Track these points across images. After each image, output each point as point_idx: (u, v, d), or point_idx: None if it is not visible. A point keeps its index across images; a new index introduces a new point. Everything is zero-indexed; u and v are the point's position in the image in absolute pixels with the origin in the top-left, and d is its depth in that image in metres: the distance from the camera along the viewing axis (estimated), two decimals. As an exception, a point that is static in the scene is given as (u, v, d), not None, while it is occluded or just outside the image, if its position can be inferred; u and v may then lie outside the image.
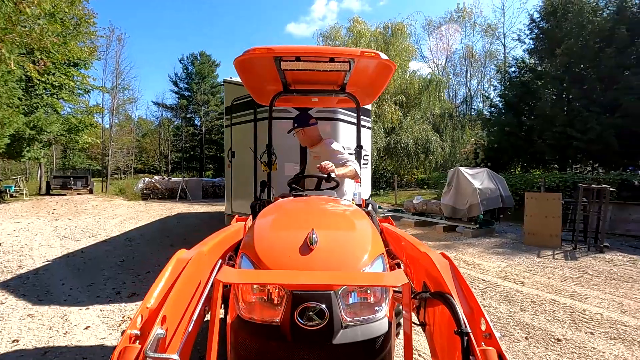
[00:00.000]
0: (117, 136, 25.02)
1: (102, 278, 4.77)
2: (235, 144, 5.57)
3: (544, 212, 6.99)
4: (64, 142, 16.95)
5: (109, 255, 6.04)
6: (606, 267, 5.41)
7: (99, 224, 9.52)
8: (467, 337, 1.13)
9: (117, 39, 22.87)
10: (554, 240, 6.82)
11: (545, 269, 5.36)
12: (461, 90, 33.38)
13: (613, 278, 4.89)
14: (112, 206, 14.10)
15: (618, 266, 5.50)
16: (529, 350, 2.91)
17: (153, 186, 17.53)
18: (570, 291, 4.36)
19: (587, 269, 5.31)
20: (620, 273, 5.11)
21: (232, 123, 5.69)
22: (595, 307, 3.86)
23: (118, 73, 23.10)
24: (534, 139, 11.03)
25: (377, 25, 21.16)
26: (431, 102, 20.35)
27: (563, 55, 11.07)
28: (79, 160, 32.08)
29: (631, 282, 4.72)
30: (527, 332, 3.23)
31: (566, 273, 5.11)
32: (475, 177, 8.12)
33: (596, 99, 10.46)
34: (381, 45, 19.24)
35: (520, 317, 3.58)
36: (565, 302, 4.00)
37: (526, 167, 13.47)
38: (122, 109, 27.61)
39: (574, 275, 5.02)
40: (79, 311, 3.64)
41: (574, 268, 5.38)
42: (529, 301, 4.03)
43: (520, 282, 4.74)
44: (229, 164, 5.81)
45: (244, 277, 1.38)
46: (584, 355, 2.83)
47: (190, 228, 8.98)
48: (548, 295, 4.20)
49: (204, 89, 36.17)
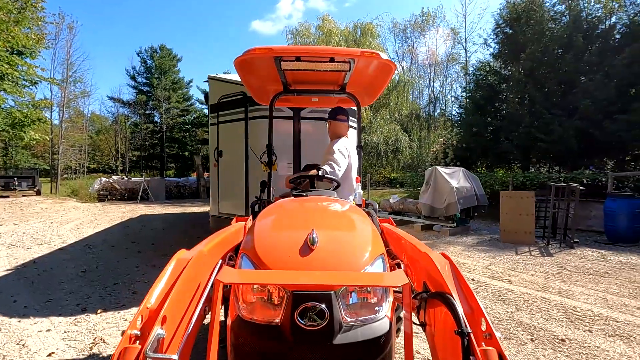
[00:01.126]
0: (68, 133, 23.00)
1: (63, 292, 4.20)
2: (223, 143, 5.30)
3: (518, 210, 7.21)
4: (6, 138, 15.27)
5: (67, 265, 5.39)
6: (581, 263, 5.64)
7: (52, 229, 8.60)
8: (467, 337, 1.13)
9: (67, 27, 21.05)
10: (529, 237, 7.06)
11: (527, 266, 5.48)
12: (425, 92, 34.42)
13: (590, 273, 5.08)
14: (64, 209, 12.89)
15: (591, 261, 5.75)
16: (538, 352, 2.86)
17: (111, 187, 16.32)
18: (556, 288, 4.45)
19: (564, 265, 5.49)
20: (595, 268, 5.33)
21: (219, 121, 5.39)
22: (583, 303, 3.94)
23: (69, 64, 21.25)
24: (501, 139, 11.48)
25: (347, 25, 21.18)
26: (399, 103, 20.69)
27: (526, 60, 11.62)
28: (22, 159, 29.19)
29: (607, 277, 4.92)
30: (531, 334, 3.19)
31: (547, 270, 5.25)
32: (452, 176, 8.25)
33: (557, 103, 11.08)
34: (352, 44, 19.26)
35: (519, 317, 3.56)
36: (555, 299, 4.05)
37: (490, 166, 14.03)
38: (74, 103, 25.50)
39: (554, 271, 5.17)
40: (39, 334, 3.13)
41: (552, 264, 5.55)
42: (522, 300, 4.04)
43: (507, 280, 4.79)
44: (215, 163, 5.48)
45: (244, 277, 1.37)
46: (592, 356, 2.82)
47: (158, 232, 8.35)
48: (537, 293, 4.25)
49: (164, 84, 34.35)
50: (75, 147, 25.11)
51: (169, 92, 34.46)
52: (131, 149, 35.06)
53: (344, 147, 2.94)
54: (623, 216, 7.05)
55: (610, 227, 7.26)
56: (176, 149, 35.58)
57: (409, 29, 32.60)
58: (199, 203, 15.77)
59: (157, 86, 33.86)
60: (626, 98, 10.13)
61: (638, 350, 2.91)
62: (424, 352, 2.81)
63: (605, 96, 10.02)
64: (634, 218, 7.00)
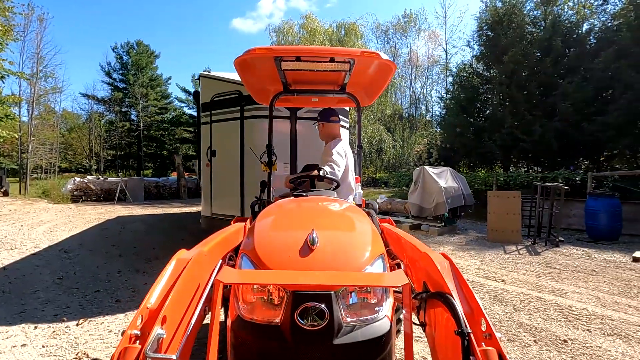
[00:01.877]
0: (38, 130, 21.80)
1: (38, 302, 3.88)
2: (217, 143, 5.17)
3: (505, 209, 7.31)
4: (-31, 135, 14.29)
5: (42, 271, 5.03)
6: (568, 261, 5.74)
7: (22, 232, 8.07)
8: (467, 337, 1.13)
9: (37, 19, 19.98)
10: (515, 236, 7.17)
11: (517, 265, 5.53)
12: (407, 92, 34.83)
13: (578, 272, 5.17)
14: (35, 210, 12.19)
15: (577, 260, 5.87)
16: (543, 354, 2.84)
17: (85, 187, 15.58)
18: (548, 287, 4.49)
19: (553, 264, 5.58)
20: (583, 267, 5.44)
21: (212, 120, 5.22)
22: (577, 302, 3.98)
23: (39, 58, 20.17)
24: (484, 140, 11.68)
25: (330, 24, 21.16)
26: (382, 103, 20.87)
27: (508, 63, 11.86)
28: (-13, 158, 27.58)
29: (595, 275, 5.02)
30: (533, 335, 3.17)
31: (537, 269, 5.31)
32: (440, 176, 8.29)
33: (537, 104, 11.36)
34: (335, 44, 19.23)
35: (518, 318, 3.55)
36: (550, 299, 4.08)
37: (472, 166, 14.28)
38: (45, 100, 24.24)
39: (544, 270, 5.23)
40: (13, 350, 2.85)
41: (541, 263, 5.63)
42: (518, 300, 4.05)
43: (501, 280, 4.80)
44: (208, 163, 5.32)
45: (244, 277, 1.37)
46: (596, 356, 2.82)
47: (139, 234, 7.98)
48: (532, 293, 4.27)
49: (142, 81, 33.25)
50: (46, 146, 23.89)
51: (146, 89, 33.36)
52: (106, 147, 33.73)
53: (341, 148, 2.97)
54: (604, 215, 7.26)
55: (591, 225, 7.47)
56: (154, 148, 34.52)
57: (391, 30, 32.92)
58: (180, 204, 15.31)
59: (133, 83, 32.74)
60: (602, 100, 10.49)
61: (638, 349, 2.93)
62: (423, 352, 2.78)
63: (583, 98, 10.34)
64: (614, 217, 7.23)
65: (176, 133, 35.05)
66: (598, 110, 10.20)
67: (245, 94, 4.33)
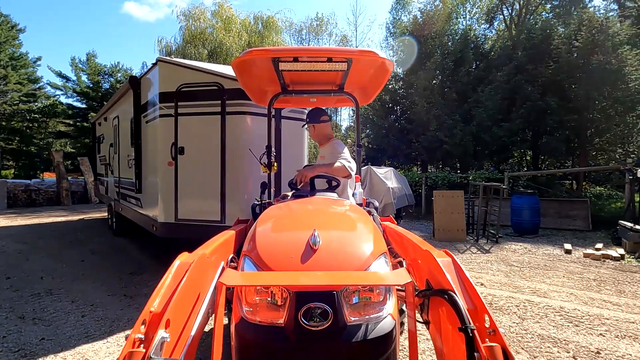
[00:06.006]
0: None
1: None
2: (186, 139, 4.55)
3: (449, 208, 7.45)
4: None
5: None
6: (519, 257, 6.00)
7: None
8: (471, 333, 1.13)
9: None
10: (461, 234, 7.35)
11: (480, 265, 5.54)
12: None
13: (535, 268, 5.37)
14: None
15: (523, 254, 6.20)
16: (594, 373, 2.56)
17: None
18: (525, 287, 4.49)
19: (507, 261, 5.75)
20: (534, 262, 5.70)
21: (179, 113, 4.53)
22: (562, 301, 3.99)
23: None
24: (412, 141, 12.14)
25: (247, 15, 19.79)
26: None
27: (430, 70, 12.58)
28: None
29: (550, 270, 5.27)
30: (566, 350, 2.91)
31: (499, 267, 5.37)
32: (386, 176, 8.12)
33: (456, 110, 12.28)
34: (254, 37, 18.05)
35: (532, 328, 3.31)
36: (538, 301, 4.01)
37: (397, 166, 14.86)
38: None
39: (506, 269, 5.30)
40: None
41: (497, 261, 5.75)
42: (513, 306, 3.88)
43: (480, 283, 4.65)
44: (171, 161, 4.60)
45: (247, 279, 1.38)
46: (638, 367, 2.66)
47: (11, 257, 5.78)
48: (518, 296, 4.18)
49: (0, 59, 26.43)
50: None
51: (6, 70, 26.59)
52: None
53: (344, 147, 2.98)
54: (527, 211, 7.99)
55: (516, 221, 8.15)
56: (17, 143, 27.80)
57: (304, 30, 32.90)
58: (62, 211, 12.28)
59: (-14, 60, 25.78)
60: (507, 109, 11.84)
61: (658, 350, 2.90)
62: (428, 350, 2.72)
63: (492, 106, 11.50)
64: (535, 213, 8.01)
65: (48, 125, 28.93)
66: (505, 118, 11.46)
67: (227, 87, 4.12)
